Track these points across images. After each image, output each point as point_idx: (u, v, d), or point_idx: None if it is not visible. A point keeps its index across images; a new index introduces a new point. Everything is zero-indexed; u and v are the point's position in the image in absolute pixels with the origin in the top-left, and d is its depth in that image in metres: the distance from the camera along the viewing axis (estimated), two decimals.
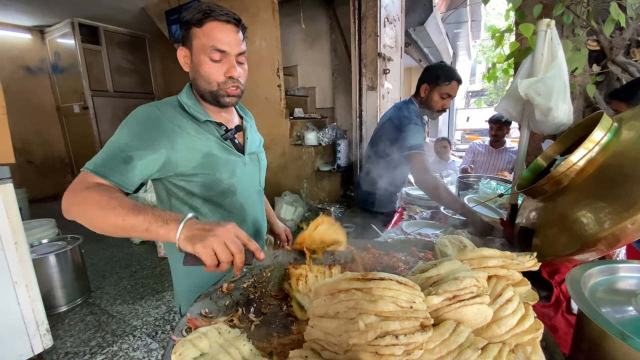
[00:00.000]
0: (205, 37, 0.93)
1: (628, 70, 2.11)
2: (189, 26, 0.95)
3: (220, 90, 0.99)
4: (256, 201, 1.19)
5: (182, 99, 1.03)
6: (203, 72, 0.97)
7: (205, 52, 0.94)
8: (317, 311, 0.47)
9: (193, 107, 1.01)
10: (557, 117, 1.12)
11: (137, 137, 0.92)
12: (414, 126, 1.84)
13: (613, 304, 0.59)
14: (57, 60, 5.92)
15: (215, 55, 0.94)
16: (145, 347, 2.12)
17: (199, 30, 0.93)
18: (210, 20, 0.93)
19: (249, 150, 1.13)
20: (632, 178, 0.79)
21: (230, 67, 0.96)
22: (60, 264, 2.51)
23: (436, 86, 1.87)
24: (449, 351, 0.37)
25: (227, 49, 0.95)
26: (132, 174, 0.89)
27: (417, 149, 1.76)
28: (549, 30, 1.14)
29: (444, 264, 0.47)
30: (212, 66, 0.96)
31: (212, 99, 1.01)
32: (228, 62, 0.96)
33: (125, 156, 0.89)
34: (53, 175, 6.35)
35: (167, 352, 0.62)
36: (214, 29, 0.93)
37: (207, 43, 0.93)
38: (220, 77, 0.97)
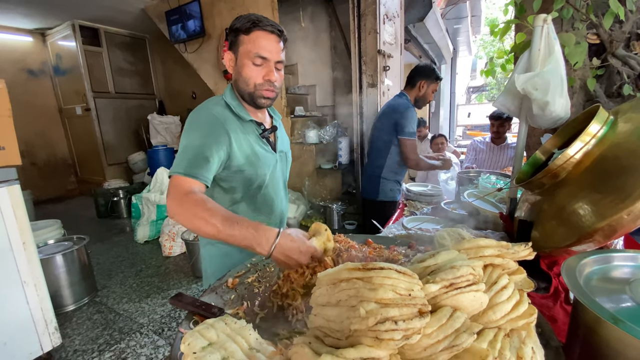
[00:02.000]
0: (251, 43, 1.04)
1: (628, 64, 2.11)
2: (238, 33, 1.06)
3: (257, 92, 1.09)
4: (283, 195, 1.32)
5: (227, 100, 1.13)
6: (245, 74, 1.07)
7: (249, 57, 1.05)
8: (320, 300, 0.49)
9: (238, 108, 1.12)
10: (555, 112, 1.13)
11: (207, 137, 1.01)
12: (412, 111, 2.27)
13: (607, 291, 0.60)
14: (59, 63, 5.96)
15: (257, 61, 1.05)
16: (152, 344, 2.16)
17: (246, 37, 1.05)
18: (257, 29, 1.04)
19: (279, 148, 1.25)
20: (628, 170, 0.81)
21: (268, 71, 1.07)
22: (67, 264, 2.55)
23: (432, 83, 2.31)
24: (445, 335, 0.39)
25: (269, 55, 1.05)
26: (211, 171, 1.00)
27: (410, 135, 2.25)
28: (546, 26, 1.15)
29: (442, 254, 0.49)
30: (253, 69, 1.06)
31: (249, 100, 1.12)
32: (267, 67, 1.07)
33: (204, 156, 0.98)
34: (57, 176, 6.41)
35: (176, 344, 0.64)
36: (259, 37, 1.04)
37: (252, 49, 1.04)
38: (259, 79, 1.07)
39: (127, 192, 5.03)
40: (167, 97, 6.99)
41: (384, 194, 2.37)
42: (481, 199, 1.56)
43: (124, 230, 4.51)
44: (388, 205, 2.33)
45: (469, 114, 15.17)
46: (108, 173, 6.04)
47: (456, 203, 1.82)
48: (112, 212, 5.05)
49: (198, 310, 0.77)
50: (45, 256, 2.43)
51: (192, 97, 6.45)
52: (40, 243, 2.65)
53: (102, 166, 6.02)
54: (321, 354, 0.39)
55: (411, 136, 2.26)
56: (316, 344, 0.45)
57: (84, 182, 6.53)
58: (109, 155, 6.07)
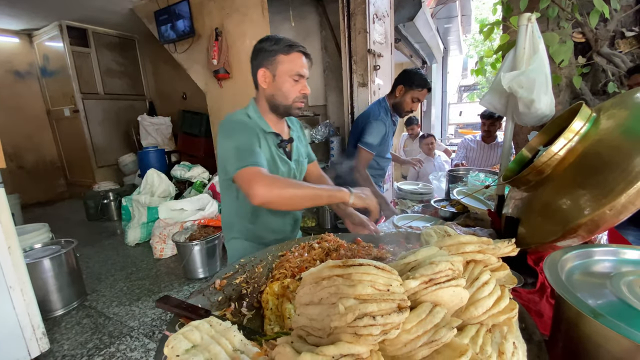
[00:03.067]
0: (291, 63, 1.21)
1: (613, 62, 2.15)
2: (276, 53, 1.21)
3: (293, 104, 1.26)
4: None
5: (250, 114, 1.28)
6: (285, 89, 1.23)
7: (289, 75, 1.21)
8: (303, 300, 0.49)
9: (260, 120, 1.27)
10: (540, 109, 1.15)
11: (248, 137, 1.19)
12: (378, 124, 2.14)
13: (589, 286, 0.61)
14: (46, 64, 5.87)
15: (296, 77, 1.22)
16: (143, 348, 2.13)
17: (286, 57, 1.20)
18: (296, 51, 1.22)
19: (294, 157, 1.39)
20: (610, 166, 0.82)
21: (303, 87, 1.25)
22: (55, 268, 2.51)
23: (410, 90, 2.13)
24: (425, 331, 0.39)
25: (305, 73, 1.24)
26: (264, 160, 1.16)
27: (368, 147, 2.12)
28: (530, 25, 1.16)
29: (422, 250, 0.49)
30: (292, 85, 1.23)
31: (283, 111, 1.28)
32: (302, 83, 1.25)
33: (253, 149, 1.14)
34: (45, 179, 6.31)
35: (160, 346, 0.63)
36: (298, 58, 1.22)
37: (294, 68, 1.21)
38: (297, 93, 1.24)
39: (118, 195, 4.97)
40: (158, 97, 6.92)
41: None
42: (470, 196, 1.57)
43: (115, 233, 4.45)
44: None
45: (461, 112, 15.31)
46: (98, 175, 5.96)
47: (446, 200, 1.83)
48: (102, 215, 4.98)
49: (184, 313, 0.76)
50: (32, 260, 2.39)
51: (183, 98, 6.39)
52: (27, 247, 2.61)
53: (91, 168, 5.93)
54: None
55: (367, 147, 2.12)
56: (298, 343, 0.45)
57: (74, 185, 6.43)
58: (98, 157, 5.99)
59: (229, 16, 3.92)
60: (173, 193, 4.38)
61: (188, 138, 5.87)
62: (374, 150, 2.15)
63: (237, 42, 4.02)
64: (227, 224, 1.41)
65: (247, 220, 1.34)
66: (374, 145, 2.14)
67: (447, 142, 9.96)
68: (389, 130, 2.23)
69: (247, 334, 0.65)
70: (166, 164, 5.53)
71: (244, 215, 1.34)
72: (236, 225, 1.37)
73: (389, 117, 2.23)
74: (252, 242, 1.36)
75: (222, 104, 4.48)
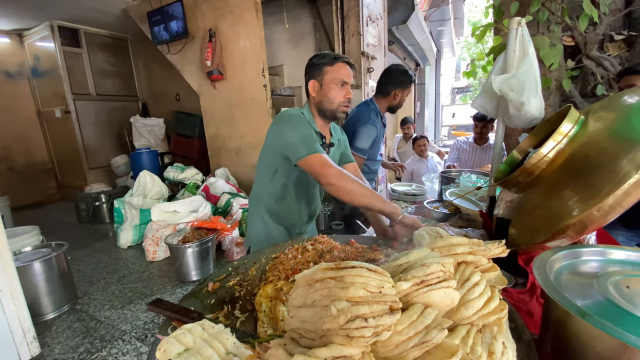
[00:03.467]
0: (336, 72, 1.37)
1: (602, 65, 2.19)
2: (322, 66, 1.38)
3: (338, 108, 1.41)
4: (318, 196, 1.65)
5: (304, 113, 1.44)
6: (331, 95, 1.39)
7: (335, 82, 1.37)
8: (296, 302, 0.49)
9: (311, 120, 1.44)
10: (530, 112, 1.17)
11: (309, 129, 1.37)
12: (369, 127, 2.15)
13: (577, 286, 0.62)
14: (37, 64, 5.80)
15: (340, 84, 1.37)
16: (135, 351, 2.11)
17: (331, 68, 1.37)
18: (340, 61, 1.38)
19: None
20: (597, 167, 0.84)
21: (347, 92, 1.40)
22: (46, 271, 2.47)
23: (406, 89, 2.21)
24: (416, 332, 0.40)
25: (348, 80, 1.39)
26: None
27: (360, 152, 2.13)
28: (520, 28, 1.18)
29: (414, 252, 0.50)
30: (338, 90, 1.38)
31: (330, 115, 1.44)
32: (346, 89, 1.40)
33: (316, 139, 1.35)
34: (36, 181, 6.22)
35: (152, 350, 0.63)
36: (342, 67, 1.37)
37: (338, 77, 1.37)
38: (341, 98, 1.39)
39: (110, 197, 4.91)
40: (151, 99, 6.87)
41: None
42: (462, 197, 1.58)
43: (106, 235, 4.40)
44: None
45: (454, 114, 15.44)
46: (89, 177, 5.89)
47: (439, 202, 1.85)
48: (93, 217, 4.92)
49: (176, 316, 0.76)
50: (22, 264, 2.35)
51: (176, 99, 6.36)
52: (16, 250, 2.57)
53: (83, 170, 5.87)
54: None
55: (359, 152, 2.12)
56: (291, 345, 0.45)
57: (65, 187, 6.35)
58: (90, 159, 5.92)
59: (223, 17, 3.92)
60: (166, 195, 4.34)
61: (181, 139, 5.84)
62: (365, 155, 2.15)
63: (231, 44, 4.01)
64: (256, 197, 1.59)
65: (274, 199, 1.52)
66: (365, 150, 2.14)
67: (440, 144, 10.04)
68: (380, 133, 2.23)
69: (240, 337, 0.65)
70: (159, 166, 5.49)
71: (272, 195, 1.53)
72: (263, 199, 1.55)
73: (379, 120, 2.23)
74: (271, 218, 1.54)
75: (215, 105, 4.47)
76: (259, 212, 1.56)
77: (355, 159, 2.00)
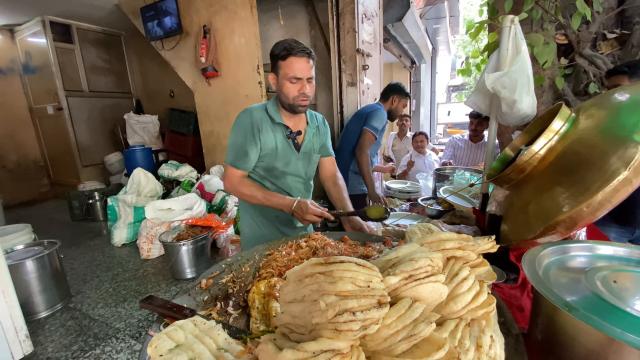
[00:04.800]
0: (288, 68, 1.34)
1: (595, 63, 2.21)
2: (277, 60, 1.36)
3: (295, 102, 1.39)
4: (301, 187, 1.61)
5: (268, 106, 1.47)
6: (285, 91, 1.38)
7: (287, 78, 1.35)
8: (287, 297, 0.49)
9: (273, 112, 1.45)
10: (522, 109, 1.17)
11: (245, 135, 1.41)
12: (382, 112, 2.52)
13: (565, 280, 0.63)
14: (29, 60, 5.71)
15: (293, 80, 1.35)
16: (129, 349, 2.11)
17: (283, 62, 1.34)
18: (292, 56, 1.33)
19: (303, 150, 1.54)
20: (587, 164, 0.85)
21: (302, 87, 1.37)
22: (38, 269, 2.45)
23: (402, 99, 2.67)
24: (404, 325, 0.40)
25: (301, 75, 1.35)
26: (250, 162, 1.44)
27: (373, 130, 2.44)
28: (513, 26, 1.19)
29: (403, 247, 0.50)
30: (290, 87, 1.36)
31: (289, 109, 1.43)
32: (301, 83, 1.36)
33: (244, 151, 1.41)
34: (28, 179, 6.14)
35: (144, 347, 0.63)
36: (293, 62, 1.33)
37: (290, 73, 1.34)
38: (296, 93, 1.37)
39: (103, 194, 4.87)
40: (145, 95, 6.81)
41: (353, 189, 2.54)
42: (455, 194, 1.59)
43: (100, 233, 4.37)
44: (357, 199, 2.49)
45: (449, 112, 15.49)
46: (83, 175, 5.83)
47: (433, 199, 1.86)
48: (87, 215, 4.88)
49: (169, 313, 0.76)
50: (14, 262, 2.33)
51: (170, 96, 6.31)
52: (8, 248, 2.54)
53: (76, 168, 5.80)
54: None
55: (373, 130, 2.44)
56: (281, 340, 0.45)
57: (58, 185, 6.28)
58: (83, 157, 5.86)
59: (217, 13, 3.89)
60: (160, 192, 4.32)
61: (176, 137, 5.80)
62: (377, 134, 2.46)
63: (226, 40, 3.98)
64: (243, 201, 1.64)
65: None
66: (379, 130, 2.47)
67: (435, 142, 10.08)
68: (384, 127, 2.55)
69: (232, 333, 0.65)
70: (153, 163, 5.45)
71: None
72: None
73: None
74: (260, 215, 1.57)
75: (210, 102, 4.44)
76: (247, 210, 1.61)
77: (368, 135, 2.45)
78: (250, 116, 1.43)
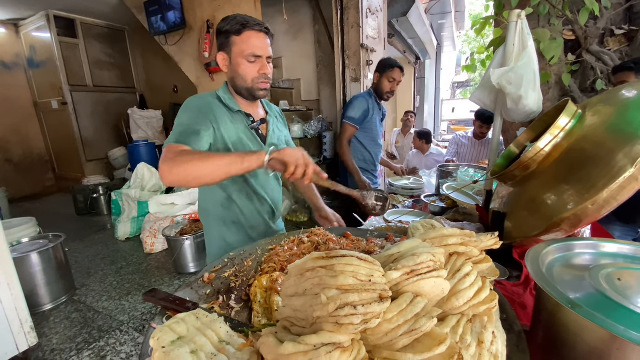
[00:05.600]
0: (244, 44, 1.14)
1: (602, 59, 2.18)
2: (229, 35, 1.15)
3: (254, 85, 1.19)
4: (274, 185, 1.39)
5: (219, 94, 1.23)
6: (241, 71, 1.17)
7: (243, 56, 1.15)
8: (289, 291, 0.49)
9: (228, 100, 1.22)
10: (528, 105, 1.16)
11: (197, 117, 1.13)
12: (359, 99, 2.36)
13: (569, 278, 0.63)
14: (33, 55, 5.74)
15: (251, 59, 1.15)
16: (133, 342, 2.13)
17: (238, 38, 1.14)
18: (247, 30, 1.13)
19: (270, 141, 1.31)
20: (593, 161, 0.84)
21: (262, 66, 1.17)
22: (43, 262, 2.48)
23: (384, 73, 2.34)
24: (405, 320, 0.40)
25: (261, 53, 1.15)
26: (202, 142, 1.09)
27: (350, 120, 2.33)
28: (520, 21, 1.17)
29: (405, 243, 0.50)
30: (248, 66, 1.16)
31: (247, 94, 1.22)
32: (261, 62, 1.17)
33: (194, 130, 1.08)
34: (33, 173, 6.20)
35: (147, 339, 0.63)
36: (251, 37, 1.14)
37: (246, 49, 1.14)
38: (255, 74, 1.17)
39: (107, 189, 4.91)
40: (148, 90, 6.82)
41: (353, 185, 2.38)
42: (459, 191, 1.58)
43: (104, 227, 4.40)
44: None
45: (454, 109, 15.39)
46: (87, 169, 5.87)
47: (436, 196, 1.85)
48: (91, 209, 4.92)
49: (172, 306, 0.76)
50: (19, 255, 2.36)
51: (174, 91, 6.32)
52: (13, 242, 2.57)
53: (80, 162, 5.84)
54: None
55: (349, 121, 2.33)
56: (282, 333, 0.45)
57: (62, 179, 6.33)
58: (88, 151, 5.90)
59: (221, 8, 3.87)
60: (164, 187, 4.34)
61: None
62: (356, 124, 2.33)
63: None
64: (203, 212, 1.35)
65: (221, 205, 1.28)
66: (356, 119, 2.32)
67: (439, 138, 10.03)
68: (372, 109, 2.39)
69: (234, 326, 0.65)
70: (157, 158, 5.47)
71: (217, 201, 1.28)
72: (211, 212, 1.31)
73: (373, 100, 2.42)
74: (229, 230, 1.31)
75: None
76: (213, 226, 1.33)
77: (347, 127, 2.33)
78: (202, 100, 1.20)
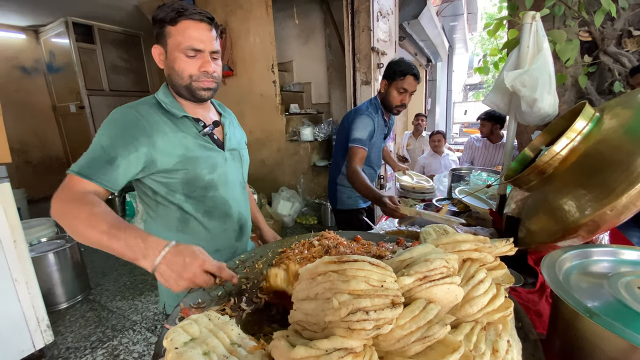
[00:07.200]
0: (180, 35, 0.95)
1: (619, 61, 2.12)
2: (163, 25, 0.96)
3: (193, 83, 0.99)
4: (240, 196, 1.20)
5: (159, 97, 1.03)
6: (178, 67, 0.98)
7: (180, 50, 0.96)
8: (300, 295, 0.49)
9: (170, 104, 1.02)
10: (543, 108, 1.14)
11: (118, 137, 0.92)
12: (363, 118, 1.91)
13: (586, 286, 0.61)
14: (52, 60, 5.91)
15: (190, 53, 0.96)
16: (145, 341, 2.16)
17: (173, 28, 0.95)
18: (184, 19, 0.94)
19: (229, 146, 1.14)
20: (611, 166, 0.82)
21: (204, 62, 0.98)
22: (60, 262, 2.54)
23: (394, 82, 1.87)
24: (418, 327, 0.39)
25: (202, 47, 0.96)
26: (116, 174, 0.90)
27: (357, 142, 1.87)
28: (534, 23, 1.15)
29: (417, 248, 0.49)
30: (186, 61, 0.97)
31: (187, 94, 1.02)
32: (202, 57, 0.98)
33: (108, 157, 0.90)
34: (51, 175, 6.35)
35: (160, 339, 0.64)
36: (188, 27, 0.95)
37: (183, 42, 0.95)
38: (194, 71, 0.98)
39: (122, 190, 5.00)
40: None
41: (341, 203, 2.15)
42: (472, 195, 1.56)
43: None
44: (349, 214, 2.16)
45: (466, 111, 15.20)
46: None
47: (448, 199, 1.83)
48: None
49: None
50: (37, 254, 2.42)
51: None
52: (32, 241, 2.64)
53: None
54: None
55: (358, 143, 1.88)
56: (293, 337, 0.45)
57: None
58: None
59: (233, 13, 3.93)
60: None
61: None
62: (366, 146, 1.91)
63: (241, 40, 4.02)
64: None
65: (175, 229, 1.08)
66: (365, 141, 1.90)
67: (451, 141, 9.93)
68: (378, 128, 2.00)
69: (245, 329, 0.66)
70: None
71: (168, 226, 1.08)
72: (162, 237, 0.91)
73: (380, 115, 2.02)
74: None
75: (225, 101, 4.45)
76: None
77: (354, 151, 1.86)
78: (130, 113, 0.97)
